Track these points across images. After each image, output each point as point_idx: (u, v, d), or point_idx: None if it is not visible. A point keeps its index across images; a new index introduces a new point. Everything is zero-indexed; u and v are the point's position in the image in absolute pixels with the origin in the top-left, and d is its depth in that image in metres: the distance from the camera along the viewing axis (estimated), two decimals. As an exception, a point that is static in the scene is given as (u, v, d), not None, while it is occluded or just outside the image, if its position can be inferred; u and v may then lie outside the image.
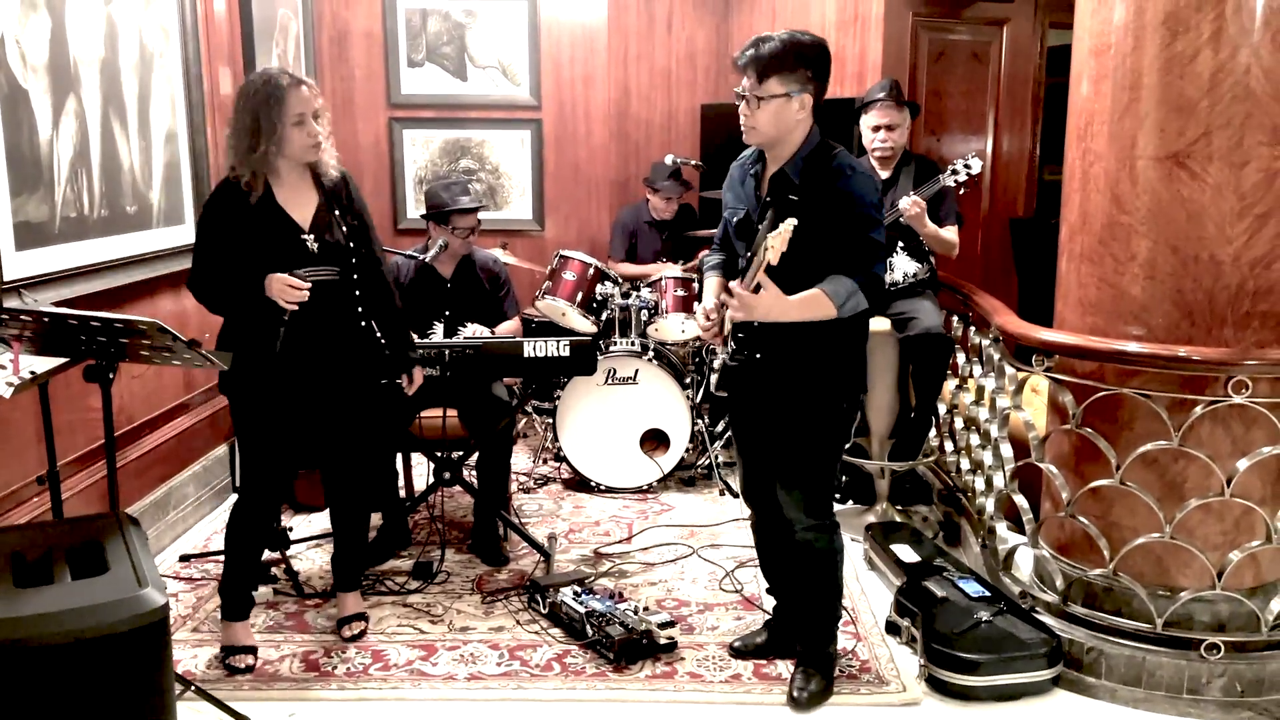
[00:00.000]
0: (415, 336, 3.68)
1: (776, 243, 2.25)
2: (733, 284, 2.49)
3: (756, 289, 2.39)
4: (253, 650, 2.96)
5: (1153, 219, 2.79)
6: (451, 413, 3.72)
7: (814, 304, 2.45)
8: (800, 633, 2.84)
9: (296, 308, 2.69)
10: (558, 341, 3.32)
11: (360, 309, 2.89)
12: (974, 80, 5.14)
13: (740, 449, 2.87)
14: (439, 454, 3.64)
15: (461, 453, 3.73)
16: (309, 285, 2.70)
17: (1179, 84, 2.70)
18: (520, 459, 4.77)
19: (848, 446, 2.84)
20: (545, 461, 4.76)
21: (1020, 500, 3.14)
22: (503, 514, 3.73)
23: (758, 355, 2.59)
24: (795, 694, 2.74)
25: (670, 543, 3.83)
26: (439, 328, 3.90)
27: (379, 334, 2.96)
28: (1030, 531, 3.09)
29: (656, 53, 5.85)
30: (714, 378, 2.72)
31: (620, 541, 3.86)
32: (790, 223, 2.26)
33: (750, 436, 2.81)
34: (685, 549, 3.77)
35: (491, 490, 3.74)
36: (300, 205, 2.81)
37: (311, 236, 2.79)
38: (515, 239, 5.74)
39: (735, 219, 2.70)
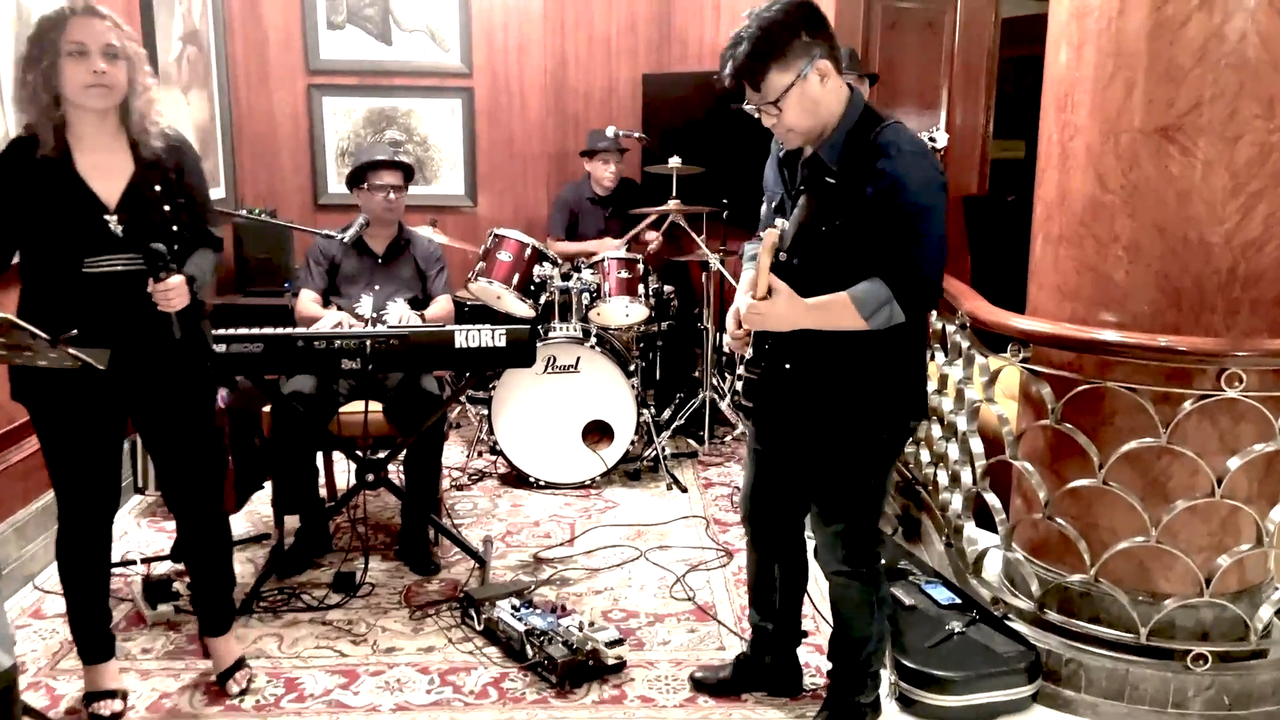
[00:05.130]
0: (339, 316, 3.40)
1: (768, 242, 1.91)
2: (744, 296, 2.12)
3: (769, 294, 2.04)
4: (119, 695, 2.57)
5: (1138, 197, 2.58)
6: (375, 407, 3.40)
7: (834, 311, 2.06)
8: (829, 677, 2.53)
9: None
10: (492, 331, 3.02)
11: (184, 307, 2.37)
12: (928, 51, 4.93)
13: (757, 459, 2.46)
14: (361, 453, 3.31)
15: (387, 451, 3.40)
16: None
17: (1169, 51, 2.49)
18: (453, 452, 4.45)
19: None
20: (480, 454, 4.45)
21: (992, 499, 2.94)
22: (433, 518, 3.42)
23: (786, 365, 2.19)
24: None
25: (616, 544, 3.56)
26: (366, 301, 3.59)
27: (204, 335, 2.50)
28: (1003, 534, 2.89)
29: (596, 19, 5.51)
30: (739, 384, 2.30)
31: (562, 544, 3.58)
32: (779, 225, 1.92)
33: (773, 452, 2.41)
34: (632, 551, 3.51)
35: (421, 492, 3.43)
36: (108, 176, 2.31)
37: (116, 217, 2.29)
38: (446, 216, 5.39)
39: (773, 204, 2.29)
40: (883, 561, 2.37)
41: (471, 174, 5.53)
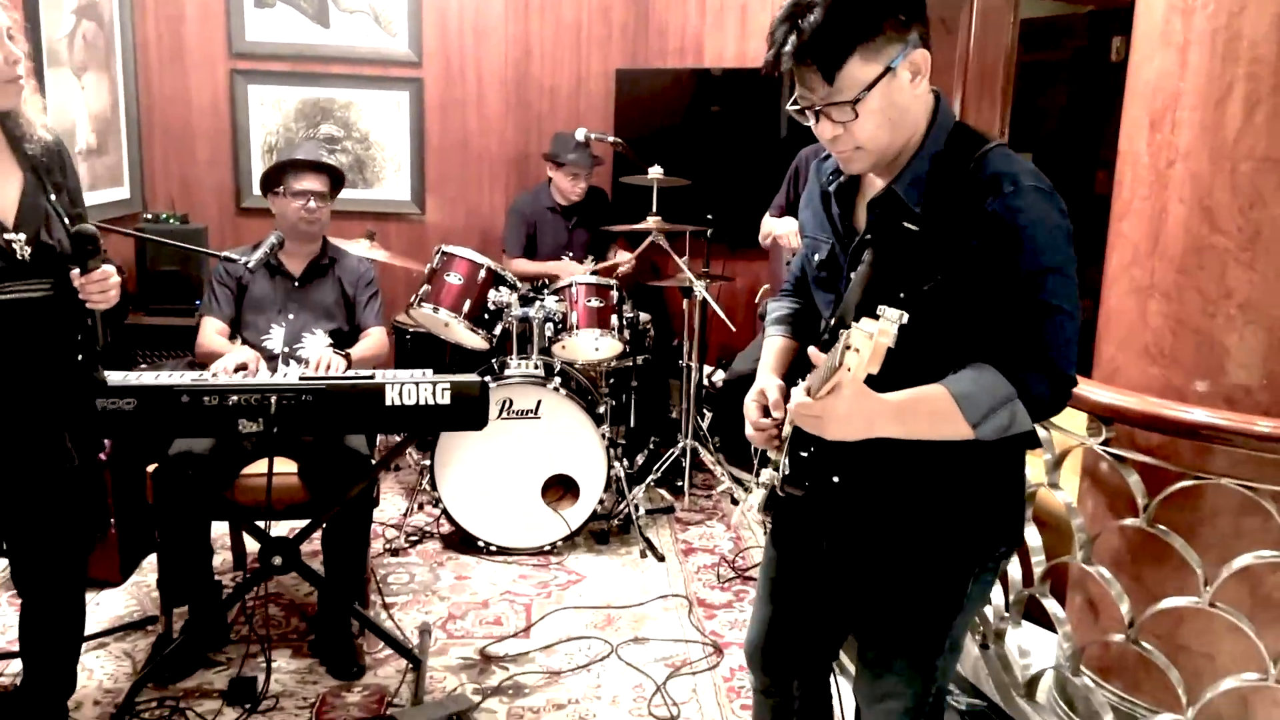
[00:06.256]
0: (244, 350, 2.83)
1: (864, 347, 1.24)
2: (798, 387, 1.45)
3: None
4: None
5: (1260, 242, 2.03)
6: (289, 468, 2.77)
7: (927, 413, 1.40)
8: None
9: None
10: (434, 385, 2.40)
11: (80, 336, 2.06)
12: (941, 51, 4.36)
13: (775, 594, 1.80)
14: (266, 528, 2.67)
15: (304, 524, 2.75)
16: None
17: (1308, 57, 1.95)
18: (389, 502, 3.82)
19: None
20: (421, 507, 3.82)
21: (1053, 606, 2.38)
22: (358, 609, 2.78)
23: (834, 479, 1.54)
24: None
25: (581, 635, 2.96)
26: (277, 333, 2.97)
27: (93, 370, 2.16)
28: (1069, 653, 2.33)
29: (564, 4, 4.88)
30: (759, 495, 1.65)
31: (516, 635, 2.96)
32: (893, 319, 1.23)
33: (800, 588, 1.76)
34: (601, 646, 2.90)
35: (343, 576, 2.79)
36: None
37: (23, 237, 1.92)
38: (388, 225, 4.75)
39: (817, 256, 1.64)
40: None
41: (419, 177, 4.88)
